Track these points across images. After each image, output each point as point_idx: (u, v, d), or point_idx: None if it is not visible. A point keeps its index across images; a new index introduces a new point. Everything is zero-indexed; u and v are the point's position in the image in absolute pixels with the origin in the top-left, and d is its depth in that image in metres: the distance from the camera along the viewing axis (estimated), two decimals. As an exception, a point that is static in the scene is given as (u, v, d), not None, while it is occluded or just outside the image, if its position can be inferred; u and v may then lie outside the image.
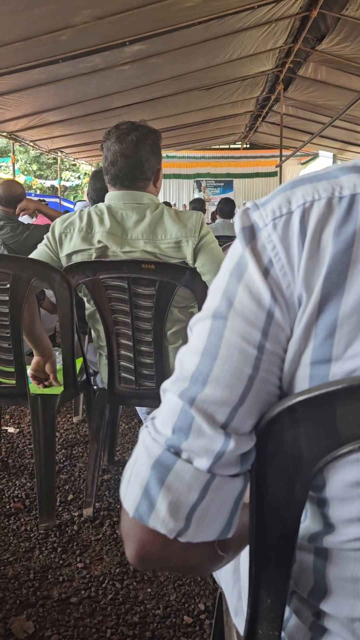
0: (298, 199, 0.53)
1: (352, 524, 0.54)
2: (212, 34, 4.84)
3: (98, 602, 1.54)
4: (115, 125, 1.79)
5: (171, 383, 0.56)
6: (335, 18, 4.73)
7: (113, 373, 1.90)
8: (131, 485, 0.54)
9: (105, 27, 4.12)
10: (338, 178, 0.53)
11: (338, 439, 0.47)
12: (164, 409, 0.55)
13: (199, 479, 0.51)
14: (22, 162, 18.94)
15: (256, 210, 0.55)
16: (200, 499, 0.51)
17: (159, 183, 1.87)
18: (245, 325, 0.52)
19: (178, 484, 0.51)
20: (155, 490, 0.51)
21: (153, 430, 0.54)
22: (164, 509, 0.51)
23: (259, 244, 0.54)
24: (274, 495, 0.51)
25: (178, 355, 0.57)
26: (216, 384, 0.52)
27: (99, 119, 7.11)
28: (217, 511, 0.52)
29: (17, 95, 5.53)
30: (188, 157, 14.51)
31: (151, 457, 0.52)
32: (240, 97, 7.92)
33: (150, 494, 0.51)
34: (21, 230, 3.37)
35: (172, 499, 0.51)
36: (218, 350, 0.53)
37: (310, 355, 0.51)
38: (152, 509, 0.51)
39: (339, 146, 10.11)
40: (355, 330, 0.50)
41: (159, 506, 0.51)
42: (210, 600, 1.55)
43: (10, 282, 1.75)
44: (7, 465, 2.37)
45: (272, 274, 0.52)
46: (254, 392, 0.52)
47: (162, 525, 0.51)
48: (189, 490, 0.51)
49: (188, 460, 0.51)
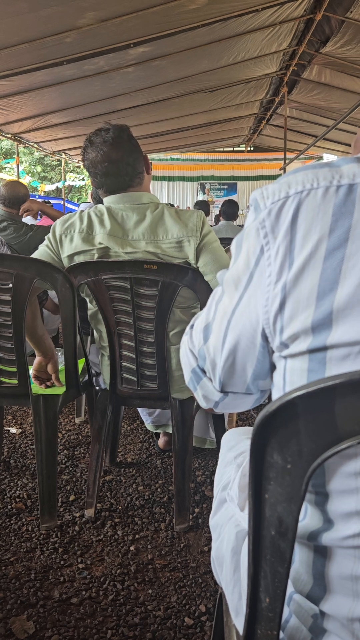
0: (297, 184, 0.55)
1: (351, 518, 0.54)
2: (216, 37, 4.85)
3: (99, 602, 1.54)
4: (89, 140, 1.79)
5: (206, 307, 0.73)
6: (339, 21, 4.73)
7: (115, 374, 1.90)
8: (184, 365, 0.79)
9: (109, 30, 4.13)
10: (340, 167, 0.54)
11: (337, 434, 0.46)
12: (197, 328, 0.74)
13: (217, 393, 0.74)
14: (27, 163, 19.01)
15: (259, 191, 0.59)
16: (221, 399, 0.75)
17: (150, 170, 1.90)
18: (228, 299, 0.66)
19: (206, 388, 0.75)
20: (195, 383, 0.77)
21: (190, 342, 0.76)
22: (200, 396, 0.77)
23: (255, 225, 0.58)
24: (272, 492, 0.51)
25: (210, 297, 0.74)
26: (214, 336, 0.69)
27: (103, 121, 7.07)
28: (239, 403, 0.75)
29: (21, 96, 5.55)
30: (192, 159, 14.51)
31: (190, 365, 0.76)
32: (244, 100, 7.92)
33: (193, 382, 0.78)
34: (24, 231, 3.38)
35: (204, 393, 0.76)
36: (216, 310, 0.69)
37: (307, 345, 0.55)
38: (195, 389, 0.78)
39: (343, 149, 10.09)
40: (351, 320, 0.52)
41: (197, 392, 0.77)
42: (211, 602, 1.54)
43: (13, 281, 1.75)
44: (9, 465, 2.37)
45: (261, 263, 0.59)
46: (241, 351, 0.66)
47: (200, 401, 0.79)
48: (213, 394, 0.75)
49: (209, 378, 0.74)
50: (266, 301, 0.57)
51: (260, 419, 0.50)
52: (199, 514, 2.00)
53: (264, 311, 0.58)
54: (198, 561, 1.72)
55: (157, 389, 1.87)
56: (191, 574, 1.66)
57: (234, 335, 0.65)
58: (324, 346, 0.52)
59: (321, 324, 0.52)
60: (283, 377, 0.60)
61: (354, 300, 0.51)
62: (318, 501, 0.57)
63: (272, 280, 0.56)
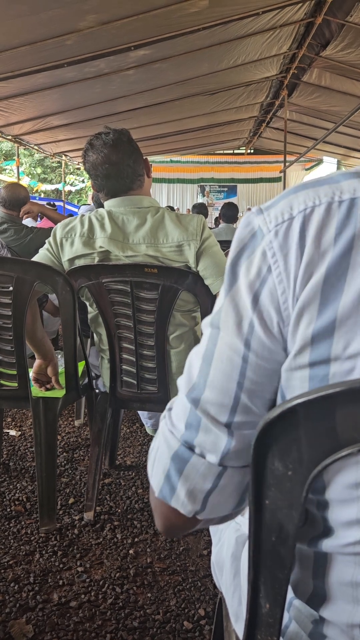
0: (300, 204, 0.55)
1: (351, 526, 0.54)
2: (216, 40, 4.86)
3: (98, 606, 1.54)
4: (89, 144, 1.78)
5: (183, 381, 0.61)
6: (339, 24, 4.75)
7: (115, 377, 1.90)
8: (155, 469, 0.61)
9: (110, 32, 4.15)
10: (339, 183, 0.55)
11: (337, 442, 0.47)
12: (178, 404, 0.60)
13: (212, 471, 0.57)
14: (27, 165, 19.03)
15: (260, 215, 0.57)
16: (214, 486, 0.58)
17: (151, 173, 1.90)
18: (231, 336, 0.57)
19: (194, 474, 0.58)
20: (175, 478, 0.58)
21: (169, 422, 0.60)
22: (183, 494, 0.58)
23: (259, 250, 0.56)
24: (273, 498, 0.51)
25: (189, 355, 0.62)
26: (213, 388, 0.57)
27: (104, 123, 7.06)
28: (230, 493, 0.59)
29: (22, 98, 5.56)
30: (192, 162, 14.55)
31: (170, 449, 0.59)
32: (245, 103, 7.95)
33: (171, 481, 0.59)
34: (25, 233, 3.38)
35: (189, 486, 0.58)
36: (213, 356, 0.58)
37: (309, 356, 0.53)
38: (173, 493, 0.59)
39: (343, 152, 10.12)
40: (354, 331, 0.51)
41: (179, 491, 0.58)
42: (210, 605, 1.54)
43: (14, 284, 1.75)
44: (8, 468, 2.37)
45: (269, 282, 0.55)
46: (245, 396, 0.57)
47: (182, 507, 0.59)
48: (204, 480, 0.58)
49: (201, 455, 0.58)
50: (283, 305, 0.54)
51: (262, 425, 0.50)
52: (198, 517, 2.00)
53: (285, 316, 0.54)
54: (197, 565, 1.72)
55: (157, 392, 1.88)
56: (190, 577, 1.66)
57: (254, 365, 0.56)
58: (328, 357, 0.52)
59: (323, 333, 0.52)
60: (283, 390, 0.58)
61: (355, 310, 0.51)
62: (318, 509, 0.57)
63: (284, 286, 0.54)
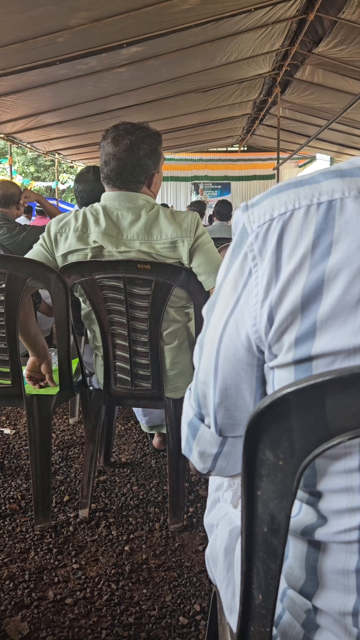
0: (280, 206, 0.56)
1: (342, 515, 0.55)
2: (209, 37, 4.85)
3: (93, 603, 1.54)
4: (114, 126, 1.78)
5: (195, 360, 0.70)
6: (332, 21, 4.75)
7: (109, 374, 1.90)
8: (182, 430, 0.74)
9: (102, 29, 4.13)
10: (319, 183, 0.56)
11: (328, 431, 0.47)
12: (193, 383, 0.71)
13: (215, 439, 0.69)
14: (20, 164, 18.95)
15: (245, 213, 0.59)
16: (219, 451, 0.69)
17: (154, 187, 1.85)
18: (212, 327, 0.64)
19: (203, 440, 0.70)
20: (191, 440, 0.71)
21: (189, 394, 0.73)
22: (196, 455, 0.71)
23: (244, 249, 0.59)
24: (264, 489, 0.51)
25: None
26: (202, 370, 0.67)
27: (96, 121, 7.11)
28: (236, 459, 0.70)
29: (14, 96, 5.53)
30: (185, 159, 14.52)
31: (187, 417, 0.72)
32: (238, 100, 7.93)
33: (189, 442, 0.72)
34: (18, 231, 3.37)
35: (200, 449, 0.70)
36: (204, 342, 0.67)
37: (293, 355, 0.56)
38: (190, 452, 0.72)
39: (336, 149, 10.13)
40: (333, 331, 0.53)
41: (193, 452, 0.72)
42: (205, 601, 1.54)
43: (6, 282, 1.75)
44: (2, 466, 2.36)
45: (249, 284, 0.59)
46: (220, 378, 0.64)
47: (196, 464, 0.73)
48: (210, 446, 0.69)
49: (208, 425, 0.69)
50: (254, 320, 0.58)
51: (252, 415, 0.50)
52: (193, 513, 2.00)
53: (254, 330, 0.58)
54: (193, 560, 1.72)
55: (151, 389, 1.88)
56: (186, 573, 1.66)
57: (224, 358, 0.63)
58: (309, 356, 0.54)
59: (305, 334, 0.54)
60: (272, 387, 0.61)
61: (337, 310, 0.52)
62: (310, 500, 0.58)
63: (259, 299, 0.57)
